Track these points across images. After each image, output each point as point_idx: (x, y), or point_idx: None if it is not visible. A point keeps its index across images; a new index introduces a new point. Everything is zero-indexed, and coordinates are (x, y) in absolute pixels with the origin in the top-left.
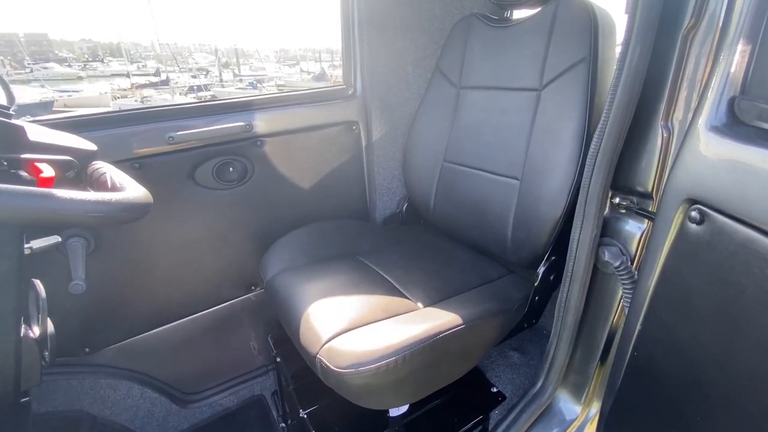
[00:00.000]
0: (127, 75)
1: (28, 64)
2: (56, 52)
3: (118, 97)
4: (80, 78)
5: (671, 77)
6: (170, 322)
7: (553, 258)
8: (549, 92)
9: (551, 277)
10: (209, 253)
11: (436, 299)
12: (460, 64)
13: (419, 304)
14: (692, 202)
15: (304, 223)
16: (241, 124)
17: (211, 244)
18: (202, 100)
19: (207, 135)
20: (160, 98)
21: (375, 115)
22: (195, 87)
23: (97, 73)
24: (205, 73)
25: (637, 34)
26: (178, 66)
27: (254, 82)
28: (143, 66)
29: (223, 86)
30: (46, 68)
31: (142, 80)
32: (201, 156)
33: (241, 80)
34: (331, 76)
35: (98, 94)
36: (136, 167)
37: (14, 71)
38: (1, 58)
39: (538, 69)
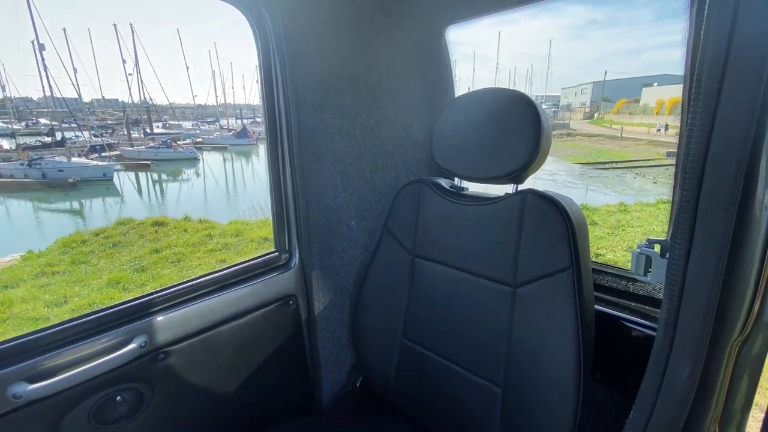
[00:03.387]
0: (12, 134)
1: None
2: None
3: None
4: None
5: (718, 387)
6: None
7: None
8: (527, 294)
9: None
10: None
11: None
12: (413, 232)
13: None
14: None
15: None
16: (133, 346)
17: None
18: (77, 315)
19: (77, 378)
20: (53, 161)
21: (316, 284)
22: (98, 147)
23: None
24: (110, 131)
25: (681, 353)
26: (78, 124)
27: (168, 141)
28: (34, 124)
29: (131, 145)
30: None
31: (32, 140)
32: (69, 400)
33: (153, 138)
34: (253, 132)
35: None
36: None
37: None
38: None
39: (510, 265)
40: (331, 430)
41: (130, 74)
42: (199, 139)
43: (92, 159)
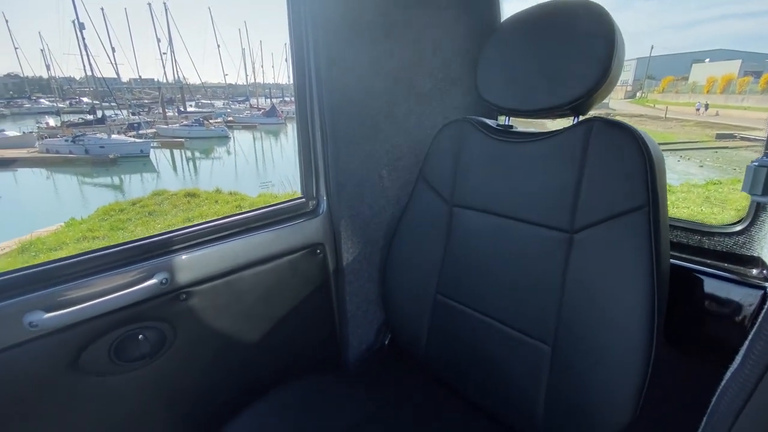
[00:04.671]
0: (57, 112)
1: None
2: None
3: (45, 137)
4: (3, 116)
5: None
6: None
7: None
8: (587, 240)
9: None
10: None
11: None
12: (452, 178)
13: None
14: None
15: (251, 396)
16: (154, 281)
17: None
18: (98, 249)
19: (95, 310)
20: (95, 137)
21: (345, 234)
22: (135, 124)
23: (23, 111)
24: (146, 109)
25: None
26: (117, 102)
27: (200, 119)
28: (77, 102)
29: (166, 124)
30: None
31: (75, 118)
32: (88, 334)
33: (186, 117)
34: (282, 111)
35: (21, 134)
36: None
37: None
38: None
39: (567, 207)
40: (357, 389)
41: (164, 53)
42: (230, 118)
43: (131, 136)
